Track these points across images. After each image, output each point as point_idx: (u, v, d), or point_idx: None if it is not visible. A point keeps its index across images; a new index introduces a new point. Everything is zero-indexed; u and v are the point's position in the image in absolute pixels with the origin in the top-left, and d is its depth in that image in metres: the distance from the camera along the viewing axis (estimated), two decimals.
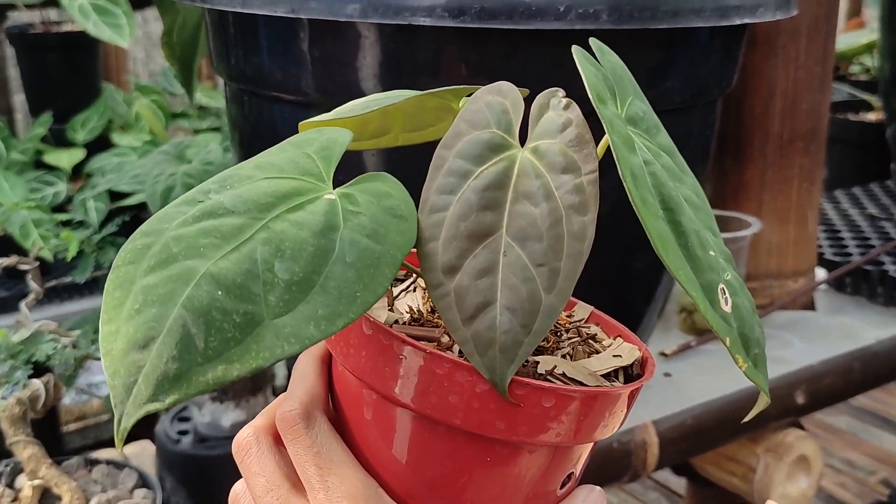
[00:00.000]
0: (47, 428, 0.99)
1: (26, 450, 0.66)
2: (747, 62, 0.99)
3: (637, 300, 0.78)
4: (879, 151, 1.69)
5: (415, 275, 0.39)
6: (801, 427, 1.00)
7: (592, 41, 0.37)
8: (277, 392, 0.95)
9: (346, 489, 0.35)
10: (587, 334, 0.39)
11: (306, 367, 0.39)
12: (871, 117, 1.79)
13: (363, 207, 0.33)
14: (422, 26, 0.58)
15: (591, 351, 0.38)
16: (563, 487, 0.37)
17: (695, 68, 0.68)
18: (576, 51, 0.35)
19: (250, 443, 0.38)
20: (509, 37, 0.59)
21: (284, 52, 0.65)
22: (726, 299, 0.34)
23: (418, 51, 0.61)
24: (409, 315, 0.37)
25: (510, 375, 0.31)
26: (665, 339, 1.00)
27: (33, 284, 0.79)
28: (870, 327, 1.05)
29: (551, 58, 0.60)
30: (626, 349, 0.38)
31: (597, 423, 0.34)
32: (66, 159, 1.37)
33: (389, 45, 0.61)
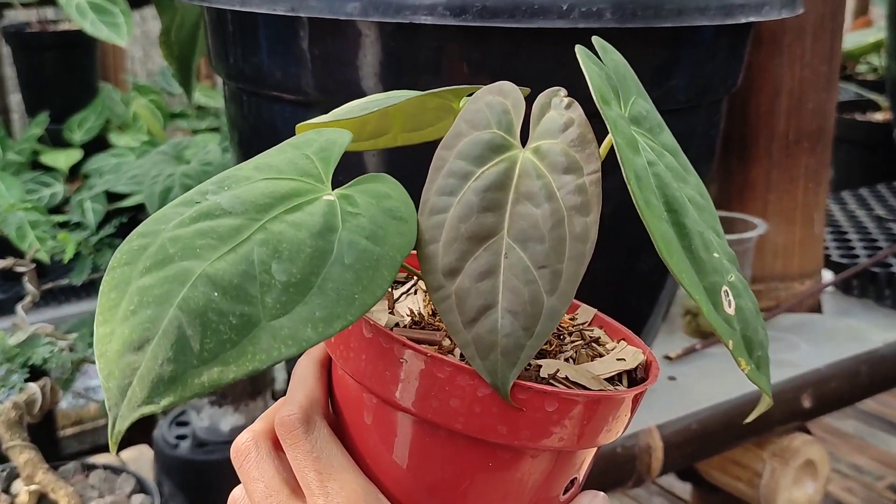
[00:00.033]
0: (44, 432, 0.98)
1: (22, 454, 0.66)
2: (752, 61, 0.99)
3: (641, 303, 0.77)
4: (887, 152, 1.68)
5: (415, 277, 0.39)
6: (807, 431, 1.00)
7: (595, 39, 0.37)
8: (277, 396, 0.95)
9: (346, 495, 0.35)
10: (590, 337, 0.39)
11: (306, 370, 0.38)
12: (878, 117, 1.79)
13: (362, 209, 0.33)
14: (423, 25, 0.57)
15: (595, 354, 0.38)
16: (566, 493, 0.37)
17: (699, 67, 0.68)
18: (579, 50, 0.34)
19: (249, 448, 0.38)
20: (511, 35, 0.59)
21: (284, 51, 0.65)
22: (730, 301, 0.34)
23: (419, 49, 0.61)
24: (409, 318, 0.37)
25: (512, 379, 0.31)
26: (670, 342, 0.99)
27: (30, 287, 0.78)
28: (877, 330, 1.05)
29: (554, 57, 0.59)
30: (630, 352, 0.38)
31: (600, 427, 0.34)
32: (62, 160, 1.37)
33: (390, 44, 0.61)
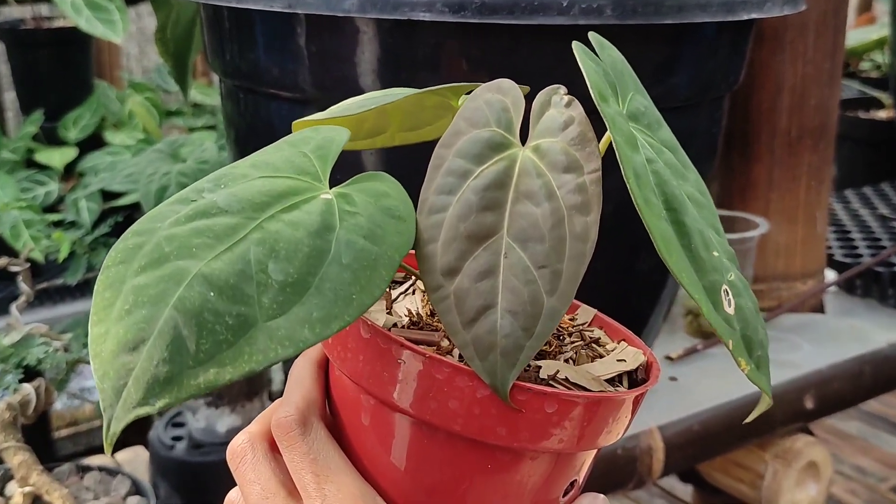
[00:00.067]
0: (38, 433, 0.98)
1: (17, 456, 0.65)
2: (755, 57, 0.99)
3: (642, 303, 0.77)
4: (890, 150, 1.68)
5: (414, 277, 0.39)
6: (810, 432, 1.00)
7: (592, 35, 0.37)
8: (274, 397, 0.95)
9: (343, 497, 0.35)
10: (590, 338, 0.39)
11: (302, 371, 0.38)
12: (881, 115, 1.78)
13: (360, 208, 0.32)
14: (421, 21, 0.57)
15: (595, 355, 0.38)
16: (565, 495, 0.37)
17: (701, 64, 0.67)
18: (576, 47, 0.34)
19: (245, 450, 0.38)
20: (511, 32, 0.59)
21: (281, 48, 0.64)
22: (729, 301, 0.34)
23: (417, 46, 0.60)
24: (407, 318, 0.37)
25: (511, 380, 0.31)
26: (671, 342, 0.99)
27: (24, 286, 0.78)
28: (881, 330, 1.05)
29: (554, 54, 0.59)
30: (631, 353, 0.38)
31: (600, 429, 0.34)
32: (57, 158, 1.36)
33: (388, 41, 0.61)
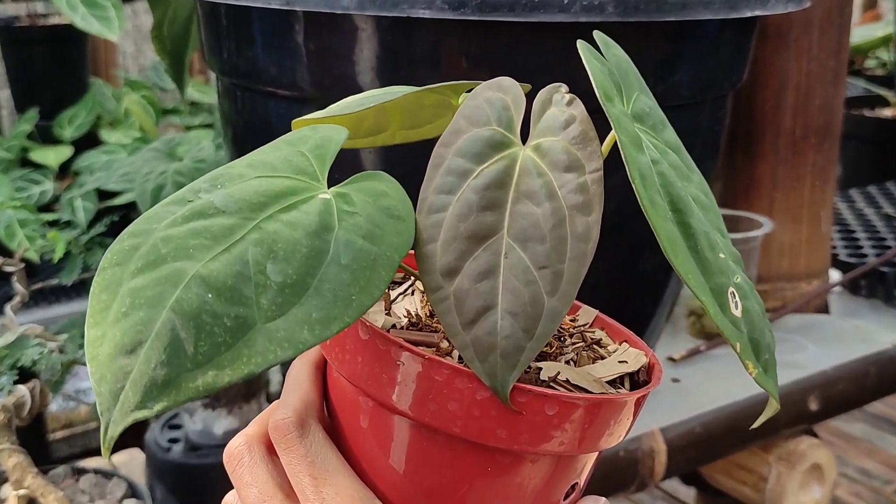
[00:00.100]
0: (33, 436, 0.98)
1: (11, 458, 0.65)
2: (758, 55, 0.98)
3: (644, 303, 0.77)
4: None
5: (413, 277, 0.39)
6: (814, 434, 0.99)
7: (597, 34, 0.36)
8: (271, 399, 0.95)
9: (341, 500, 0.34)
10: (592, 339, 0.38)
11: (300, 373, 0.38)
12: (887, 113, 1.78)
13: (359, 207, 0.32)
14: (420, 18, 0.57)
15: (596, 356, 0.37)
16: (566, 498, 0.37)
17: (704, 62, 0.67)
18: (581, 45, 0.34)
19: (242, 452, 0.38)
20: (511, 29, 0.58)
21: (279, 46, 0.64)
22: (736, 303, 0.34)
23: (417, 44, 0.60)
24: (406, 319, 0.36)
25: (512, 382, 0.31)
26: (673, 343, 0.99)
27: (18, 287, 0.78)
28: (885, 331, 1.04)
29: (555, 51, 0.59)
30: (633, 354, 0.38)
31: (602, 431, 0.34)
32: (52, 157, 1.36)
33: (387, 38, 0.60)
